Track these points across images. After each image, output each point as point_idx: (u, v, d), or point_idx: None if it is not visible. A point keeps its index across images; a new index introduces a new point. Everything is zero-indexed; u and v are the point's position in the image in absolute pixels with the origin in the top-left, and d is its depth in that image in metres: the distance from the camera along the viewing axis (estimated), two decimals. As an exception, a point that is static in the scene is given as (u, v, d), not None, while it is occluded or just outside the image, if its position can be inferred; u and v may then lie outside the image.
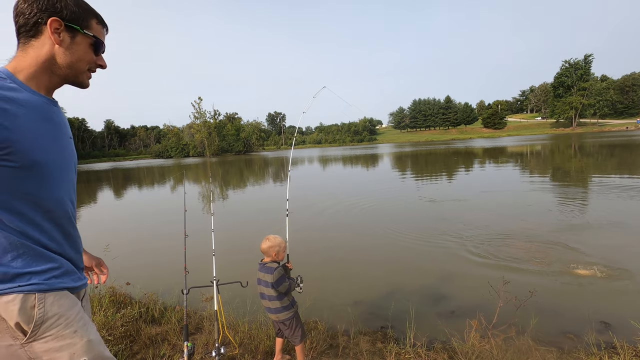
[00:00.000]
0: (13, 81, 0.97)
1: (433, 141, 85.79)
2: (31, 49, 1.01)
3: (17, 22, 1.01)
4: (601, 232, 6.14)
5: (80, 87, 1.13)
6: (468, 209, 8.66)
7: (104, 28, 1.13)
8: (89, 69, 1.11)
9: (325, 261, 5.69)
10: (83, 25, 1.05)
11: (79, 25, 1.04)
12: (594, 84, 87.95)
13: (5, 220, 0.94)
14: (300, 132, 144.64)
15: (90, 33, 1.07)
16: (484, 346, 2.69)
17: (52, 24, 0.99)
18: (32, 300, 0.97)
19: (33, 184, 0.99)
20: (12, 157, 0.92)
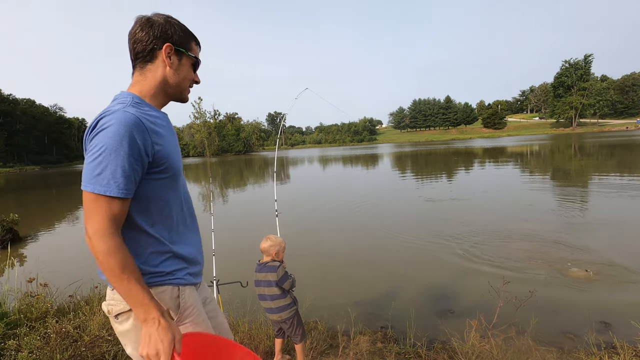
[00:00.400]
0: (146, 104, 1.10)
1: (433, 141, 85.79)
2: (149, 73, 1.13)
3: (134, 49, 1.12)
4: (602, 232, 6.14)
5: (182, 102, 1.27)
6: (468, 209, 8.66)
7: (198, 47, 1.25)
8: (189, 86, 1.24)
9: (325, 261, 5.69)
10: (187, 48, 1.18)
11: (184, 48, 1.17)
12: (594, 84, 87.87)
13: (154, 232, 1.09)
14: (299, 132, 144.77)
15: (192, 54, 1.20)
16: (484, 346, 2.69)
17: (166, 49, 1.12)
18: (176, 291, 1.13)
19: (174, 192, 1.16)
20: (166, 170, 1.08)
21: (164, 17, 1.13)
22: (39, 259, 6.57)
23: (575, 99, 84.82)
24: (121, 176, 0.95)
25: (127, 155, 0.96)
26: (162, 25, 1.11)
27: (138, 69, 1.13)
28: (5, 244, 7.62)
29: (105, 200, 0.96)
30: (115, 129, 0.95)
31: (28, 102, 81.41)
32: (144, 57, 1.11)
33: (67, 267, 6.15)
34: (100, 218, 0.95)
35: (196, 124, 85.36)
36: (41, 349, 2.66)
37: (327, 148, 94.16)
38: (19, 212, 8.53)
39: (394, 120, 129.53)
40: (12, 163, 66.64)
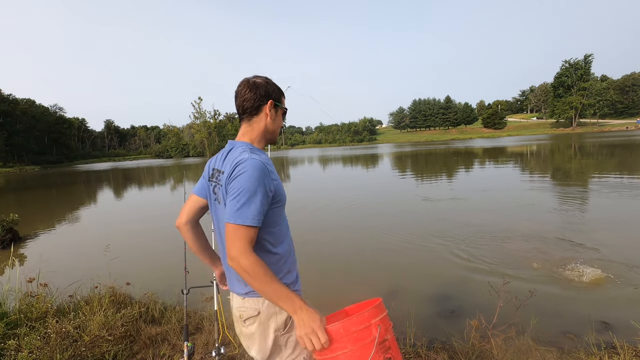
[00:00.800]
0: (257, 149, 1.40)
1: (433, 141, 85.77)
2: (255, 124, 1.43)
3: (243, 106, 1.41)
4: (602, 232, 6.14)
5: (273, 144, 1.64)
6: (468, 208, 8.66)
7: (284, 98, 1.55)
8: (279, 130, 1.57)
9: (325, 261, 5.69)
10: (281, 102, 1.48)
11: (280, 102, 1.47)
12: (594, 84, 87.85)
13: (276, 251, 1.37)
14: (299, 132, 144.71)
15: (284, 106, 1.51)
16: (484, 346, 2.70)
17: (269, 105, 1.42)
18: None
19: (284, 216, 1.45)
20: (281, 200, 1.37)
21: (264, 79, 1.45)
22: (39, 259, 6.57)
23: (575, 99, 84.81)
24: (255, 210, 1.22)
25: (260, 194, 1.24)
26: (265, 86, 1.42)
27: (246, 121, 1.43)
28: (5, 244, 7.63)
29: (245, 229, 1.22)
30: (250, 174, 1.23)
31: (28, 102, 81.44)
32: (250, 112, 1.41)
33: (67, 267, 6.15)
34: (241, 242, 1.21)
35: (196, 124, 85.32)
36: (41, 349, 2.66)
37: (327, 148, 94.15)
38: (19, 212, 8.53)
39: (394, 120, 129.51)
40: (12, 163, 66.65)
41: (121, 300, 3.73)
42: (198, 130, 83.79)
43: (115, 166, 57.73)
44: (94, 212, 12.82)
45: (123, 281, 4.13)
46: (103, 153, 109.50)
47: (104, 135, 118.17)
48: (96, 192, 20.12)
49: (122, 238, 8.18)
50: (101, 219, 11.37)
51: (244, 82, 1.42)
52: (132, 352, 2.97)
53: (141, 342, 3.08)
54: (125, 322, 3.20)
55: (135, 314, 3.39)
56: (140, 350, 3.00)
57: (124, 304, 3.63)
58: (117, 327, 3.08)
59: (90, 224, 10.55)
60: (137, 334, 3.18)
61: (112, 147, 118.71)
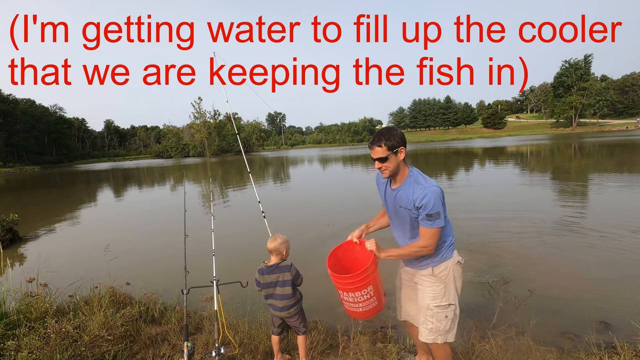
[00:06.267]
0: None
1: (433, 141, 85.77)
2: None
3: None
4: (603, 231, 6.14)
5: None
6: (468, 208, 8.65)
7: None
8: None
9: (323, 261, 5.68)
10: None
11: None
12: (594, 84, 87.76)
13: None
14: (299, 132, 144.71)
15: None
16: (484, 346, 2.69)
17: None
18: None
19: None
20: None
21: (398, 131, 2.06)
22: (38, 259, 6.57)
23: (575, 99, 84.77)
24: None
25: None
26: (400, 136, 2.04)
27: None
28: (5, 244, 7.63)
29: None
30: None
31: (28, 102, 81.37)
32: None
33: (67, 267, 6.14)
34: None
35: (196, 124, 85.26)
36: (41, 349, 2.65)
37: (327, 148, 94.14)
38: (19, 212, 8.53)
39: (394, 120, 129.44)
40: (12, 163, 66.57)
41: (121, 300, 3.73)
42: (198, 130, 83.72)
43: (115, 166, 57.72)
44: (94, 212, 12.82)
45: (123, 281, 4.13)
46: (103, 153, 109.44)
47: (104, 135, 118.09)
48: (96, 192, 20.11)
49: (122, 238, 8.17)
50: (101, 219, 11.37)
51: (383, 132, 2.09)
52: (132, 352, 2.97)
53: (141, 342, 3.07)
54: (125, 322, 3.19)
55: (135, 314, 3.38)
56: (140, 350, 2.99)
57: (124, 304, 3.63)
58: (117, 327, 3.08)
59: (90, 224, 10.54)
60: (137, 334, 3.18)
61: (112, 147, 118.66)
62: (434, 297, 2.12)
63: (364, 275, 2.01)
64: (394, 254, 2.10)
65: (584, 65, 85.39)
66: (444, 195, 2.03)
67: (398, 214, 2.15)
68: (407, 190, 2.04)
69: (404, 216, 2.10)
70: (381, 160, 2.03)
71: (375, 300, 2.14)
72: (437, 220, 1.96)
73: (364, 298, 2.09)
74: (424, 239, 2.02)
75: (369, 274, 2.03)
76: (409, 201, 2.02)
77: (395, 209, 2.16)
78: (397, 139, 2.01)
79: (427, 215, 1.96)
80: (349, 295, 2.10)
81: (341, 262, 2.31)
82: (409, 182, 2.06)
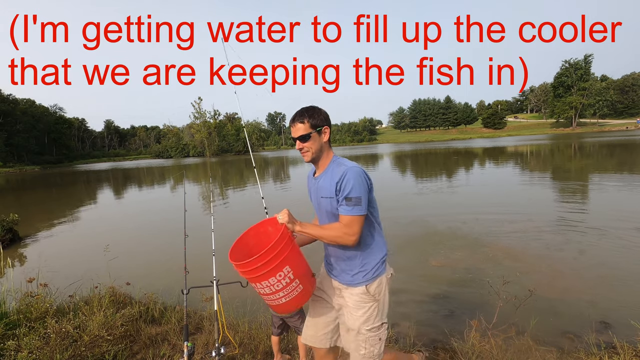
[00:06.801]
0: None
1: (433, 141, 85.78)
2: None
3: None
4: (603, 231, 6.14)
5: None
6: (468, 208, 8.65)
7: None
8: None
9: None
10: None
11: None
12: (594, 84, 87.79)
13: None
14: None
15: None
16: (484, 346, 2.69)
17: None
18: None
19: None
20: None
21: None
22: (38, 259, 6.57)
23: (575, 99, 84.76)
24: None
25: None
26: (325, 115, 1.82)
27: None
28: (5, 244, 7.63)
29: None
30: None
31: (28, 102, 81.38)
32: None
33: (67, 267, 6.14)
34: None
35: (196, 124, 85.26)
36: (41, 349, 2.66)
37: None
38: (19, 212, 8.53)
39: (394, 120, 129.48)
40: (12, 163, 66.57)
41: (121, 300, 3.73)
42: (198, 130, 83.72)
43: (115, 166, 57.72)
44: (94, 212, 12.81)
45: (123, 281, 4.13)
46: (103, 153, 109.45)
47: (104, 135, 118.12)
48: (96, 192, 20.11)
49: (122, 238, 8.17)
50: (101, 219, 11.37)
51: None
52: (132, 352, 2.97)
53: (141, 342, 3.07)
54: (125, 322, 3.19)
55: (135, 314, 3.38)
56: (140, 350, 2.99)
57: (124, 304, 3.63)
58: (116, 327, 3.08)
59: (90, 224, 10.54)
60: (137, 334, 3.18)
61: (112, 147, 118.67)
62: (367, 319, 1.80)
63: (273, 253, 1.59)
64: (312, 231, 1.73)
65: (584, 65, 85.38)
66: (371, 184, 1.76)
67: (321, 208, 1.85)
68: (329, 175, 1.78)
69: (328, 210, 1.79)
70: (302, 139, 1.77)
71: (299, 284, 1.72)
72: (357, 207, 1.65)
73: (282, 284, 1.67)
74: (344, 226, 1.69)
75: (279, 251, 1.60)
76: (330, 188, 1.73)
77: (318, 203, 1.87)
78: (321, 117, 1.79)
79: (346, 198, 1.66)
80: (263, 285, 1.67)
81: (253, 250, 1.85)
82: (331, 167, 1.80)
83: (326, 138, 1.82)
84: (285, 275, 1.66)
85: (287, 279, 1.67)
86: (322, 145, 1.82)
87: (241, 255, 1.77)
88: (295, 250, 1.73)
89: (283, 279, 1.66)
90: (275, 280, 1.64)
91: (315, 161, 1.84)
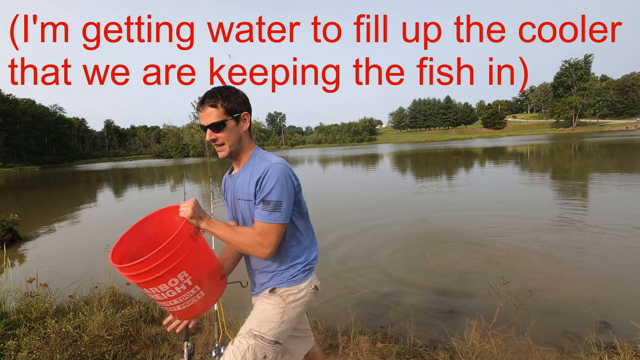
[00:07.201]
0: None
1: (433, 141, 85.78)
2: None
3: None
4: (603, 231, 6.14)
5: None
6: (468, 208, 8.65)
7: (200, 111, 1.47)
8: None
9: (324, 261, 5.69)
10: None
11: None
12: (594, 84, 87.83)
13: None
14: (299, 131, 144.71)
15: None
16: (484, 346, 2.69)
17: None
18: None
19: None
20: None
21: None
22: (38, 259, 6.57)
23: (575, 99, 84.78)
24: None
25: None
26: (244, 97, 1.52)
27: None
28: (5, 244, 7.62)
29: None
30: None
31: (28, 102, 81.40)
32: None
33: (67, 267, 6.14)
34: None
35: (196, 124, 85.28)
36: (41, 349, 2.66)
37: (327, 148, 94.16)
38: (19, 212, 8.53)
39: (394, 120, 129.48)
40: (12, 163, 66.57)
41: (121, 300, 3.73)
42: (198, 130, 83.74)
43: (115, 166, 57.74)
44: (94, 212, 12.81)
45: (123, 281, 4.12)
46: (103, 153, 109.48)
47: (104, 135, 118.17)
48: (96, 192, 20.11)
49: (122, 238, 8.16)
50: (101, 219, 11.37)
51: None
52: (132, 352, 2.97)
53: (141, 342, 3.07)
54: (125, 322, 3.19)
55: (135, 314, 3.38)
56: (140, 350, 2.99)
57: (124, 304, 3.63)
58: (116, 327, 3.08)
59: (90, 224, 10.54)
60: (137, 334, 3.18)
61: (112, 147, 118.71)
62: (258, 324, 1.46)
63: (165, 256, 1.23)
64: (220, 231, 1.37)
65: (584, 65, 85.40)
66: (298, 186, 1.49)
67: (238, 212, 1.54)
68: (248, 172, 1.46)
69: (246, 215, 1.48)
70: (215, 127, 1.41)
71: (199, 290, 1.40)
72: (275, 213, 1.35)
73: (175, 292, 1.33)
74: (258, 234, 1.38)
75: (173, 253, 1.25)
76: (249, 188, 1.42)
77: (235, 206, 1.55)
78: (239, 100, 1.45)
79: (264, 201, 1.35)
80: (152, 291, 1.33)
81: (150, 243, 1.46)
82: (252, 163, 1.48)
83: (246, 127, 1.50)
84: (181, 282, 1.32)
85: (184, 285, 1.33)
86: (242, 136, 1.48)
87: (135, 248, 1.47)
88: (198, 250, 1.38)
89: (177, 286, 1.32)
90: (166, 287, 1.31)
91: (233, 156, 1.52)
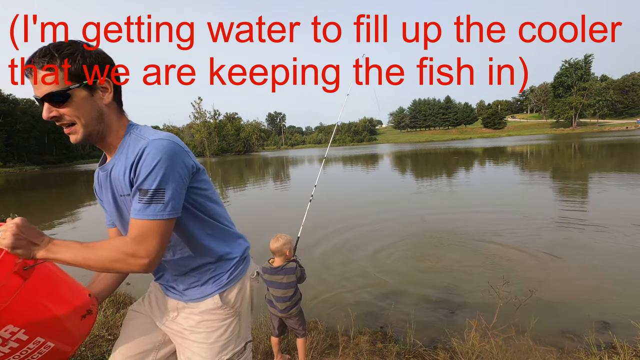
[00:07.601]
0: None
1: (433, 141, 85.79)
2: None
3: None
4: (603, 231, 6.14)
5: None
6: (468, 208, 8.64)
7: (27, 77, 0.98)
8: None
9: (324, 261, 5.69)
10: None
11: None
12: (594, 84, 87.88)
13: None
14: (299, 131, 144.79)
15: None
16: (484, 346, 2.69)
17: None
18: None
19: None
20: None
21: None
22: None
23: (575, 99, 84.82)
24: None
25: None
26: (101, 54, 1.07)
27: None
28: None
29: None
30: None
31: (28, 102, 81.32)
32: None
33: (67, 267, 6.13)
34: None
35: (196, 124, 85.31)
36: (41, 349, 2.65)
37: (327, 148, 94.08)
38: (19, 212, 8.53)
39: (394, 120, 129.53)
40: (12, 163, 66.56)
41: (121, 300, 3.74)
42: (198, 130, 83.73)
43: (115, 166, 57.65)
44: (94, 212, 12.81)
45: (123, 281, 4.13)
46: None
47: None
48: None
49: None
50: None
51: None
52: (132, 352, 2.97)
53: (141, 342, 3.07)
54: (125, 322, 3.20)
55: (135, 314, 3.38)
56: (140, 350, 2.99)
57: (124, 304, 3.63)
58: (117, 327, 3.08)
59: (90, 224, 10.53)
60: (137, 334, 3.18)
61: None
62: (225, 345, 1.22)
63: None
64: (70, 255, 0.99)
65: (584, 65, 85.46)
66: (194, 166, 1.11)
67: (123, 215, 1.13)
68: (123, 157, 1.04)
69: (127, 213, 1.09)
70: (53, 101, 0.95)
71: (45, 342, 1.07)
72: (154, 205, 0.97)
73: (3, 352, 0.99)
74: (131, 239, 0.99)
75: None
76: (125, 177, 1.02)
77: (118, 208, 1.13)
78: (91, 59, 0.99)
79: (140, 190, 0.97)
80: None
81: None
82: (126, 144, 1.06)
83: (109, 98, 1.04)
84: (6, 339, 0.96)
85: (13, 343, 0.98)
86: (102, 111, 1.03)
87: None
88: (35, 290, 1.02)
89: (2, 345, 0.97)
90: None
91: (95, 140, 1.06)
